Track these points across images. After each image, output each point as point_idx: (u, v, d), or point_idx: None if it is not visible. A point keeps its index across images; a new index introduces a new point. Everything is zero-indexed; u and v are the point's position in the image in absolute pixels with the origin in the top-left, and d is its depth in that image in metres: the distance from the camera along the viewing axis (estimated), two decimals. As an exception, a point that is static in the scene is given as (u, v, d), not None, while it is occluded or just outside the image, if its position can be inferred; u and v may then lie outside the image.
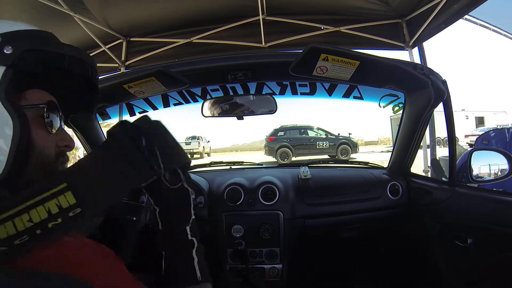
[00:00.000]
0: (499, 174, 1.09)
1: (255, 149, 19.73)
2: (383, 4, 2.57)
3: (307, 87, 1.39)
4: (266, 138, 10.93)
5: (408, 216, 1.28)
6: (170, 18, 2.79)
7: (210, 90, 1.35)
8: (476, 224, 0.98)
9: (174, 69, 0.93)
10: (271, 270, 1.21)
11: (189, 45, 3.00)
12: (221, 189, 1.27)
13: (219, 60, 0.97)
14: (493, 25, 4.08)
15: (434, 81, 0.93)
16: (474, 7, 2.23)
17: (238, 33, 2.90)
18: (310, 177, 1.34)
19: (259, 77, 1.14)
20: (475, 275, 0.99)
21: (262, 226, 1.20)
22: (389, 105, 1.36)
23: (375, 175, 1.35)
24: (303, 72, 0.88)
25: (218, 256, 1.24)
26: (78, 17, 2.51)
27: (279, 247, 1.20)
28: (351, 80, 0.89)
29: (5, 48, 0.41)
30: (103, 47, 2.99)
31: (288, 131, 10.84)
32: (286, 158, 10.07)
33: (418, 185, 1.27)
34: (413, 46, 2.79)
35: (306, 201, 1.27)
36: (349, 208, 1.27)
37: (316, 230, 1.30)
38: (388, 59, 0.86)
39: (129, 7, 2.56)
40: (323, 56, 0.79)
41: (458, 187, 1.08)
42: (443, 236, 1.12)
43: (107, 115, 1.37)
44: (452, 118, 1.04)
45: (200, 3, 2.60)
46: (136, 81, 0.92)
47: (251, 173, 1.44)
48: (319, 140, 10.54)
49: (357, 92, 1.37)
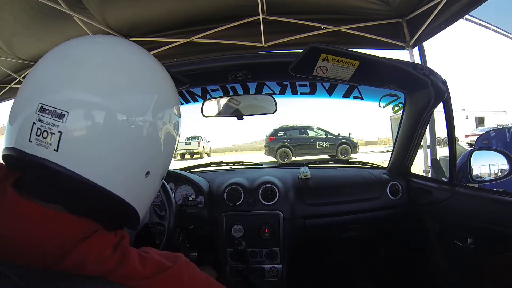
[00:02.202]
0: (499, 174, 1.09)
1: (255, 149, 19.72)
2: (384, 4, 2.56)
3: (307, 87, 1.39)
4: (266, 138, 10.92)
5: (408, 216, 1.28)
6: (170, 18, 2.79)
7: (210, 90, 1.35)
8: (476, 224, 0.98)
9: (174, 69, 0.93)
10: (271, 270, 1.21)
11: (189, 45, 2.99)
12: (221, 189, 1.27)
13: (219, 60, 0.97)
14: (493, 25, 4.09)
15: (434, 81, 0.93)
16: (475, 7, 2.22)
17: (238, 32, 2.90)
18: (310, 177, 1.34)
19: (259, 77, 1.13)
20: (475, 275, 0.99)
21: (262, 226, 1.20)
22: (389, 105, 1.36)
23: (375, 175, 1.35)
24: (303, 72, 0.88)
25: (218, 256, 1.24)
26: (78, 16, 2.51)
27: (279, 247, 1.20)
28: (351, 80, 0.89)
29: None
30: (103, 47, 2.99)
31: (288, 131, 10.83)
32: (286, 158, 10.06)
33: (418, 185, 1.26)
34: (414, 46, 2.79)
35: (306, 201, 1.26)
36: (349, 208, 1.27)
37: (316, 230, 1.30)
38: (388, 59, 0.85)
39: (129, 6, 2.55)
40: (323, 56, 0.78)
41: (458, 187, 1.08)
42: (443, 236, 1.12)
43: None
44: (452, 118, 1.03)
45: (200, 3, 2.59)
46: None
47: (251, 173, 1.44)
48: (319, 140, 10.53)
49: (357, 92, 1.37)
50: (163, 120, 0.43)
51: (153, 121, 0.41)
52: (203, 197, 1.27)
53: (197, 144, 14.24)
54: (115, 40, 0.44)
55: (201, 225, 1.24)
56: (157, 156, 0.43)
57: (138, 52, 0.44)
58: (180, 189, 1.31)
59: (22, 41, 2.79)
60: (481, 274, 0.96)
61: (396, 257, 1.47)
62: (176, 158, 14.65)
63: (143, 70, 0.43)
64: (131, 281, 0.36)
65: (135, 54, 0.43)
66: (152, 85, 0.43)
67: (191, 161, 12.40)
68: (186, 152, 14.43)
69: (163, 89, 0.45)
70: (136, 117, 0.39)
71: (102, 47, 0.41)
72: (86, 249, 0.36)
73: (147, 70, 0.44)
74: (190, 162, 9.30)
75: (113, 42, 0.42)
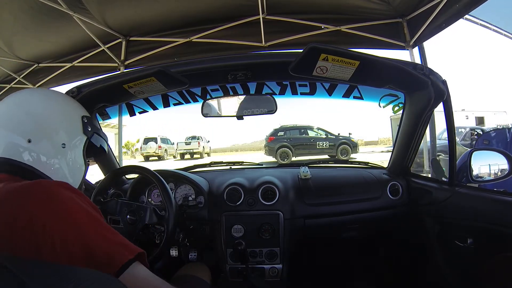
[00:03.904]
0: (499, 174, 1.09)
1: (255, 149, 19.73)
2: (384, 4, 2.56)
3: (307, 87, 1.39)
4: (266, 138, 10.91)
5: (408, 216, 1.28)
6: (169, 18, 2.79)
7: (210, 90, 1.35)
8: (476, 224, 0.98)
9: (174, 69, 0.93)
10: (271, 270, 1.21)
11: (188, 45, 2.99)
12: (221, 189, 1.26)
13: (219, 60, 0.97)
14: (494, 25, 4.09)
15: (434, 81, 0.93)
16: (475, 7, 2.22)
17: (238, 32, 2.89)
18: (310, 177, 1.34)
19: (259, 77, 1.13)
20: (475, 275, 0.99)
21: (262, 226, 1.19)
22: (389, 105, 1.36)
23: (375, 175, 1.35)
24: (303, 72, 0.88)
25: (218, 256, 1.24)
26: (78, 16, 2.51)
27: (279, 247, 1.20)
28: (351, 80, 0.89)
29: (88, 127, 0.73)
30: (102, 46, 2.99)
31: (288, 131, 10.82)
32: (286, 158, 10.06)
33: (418, 185, 1.26)
34: (414, 46, 2.79)
35: (306, 201, 1.26)
36: (349, 208, 1.27)
37: (316, 230, 1.30)
38: (388, 59, 0.85)
39: (129, 6, 2.55)
40: (323, 56, 0.78)
41: (458, 187, 1.08)
42: (443, 236, 1.12)
43: (107, 115, 1.37)
44: (452, 118, 1.03)
45: (200, 3, 2.59)
46: (136, 81, 0.92)
47: (251, 173, 1.44)
48: (319, 140, 10.52)
49: (357, 92, 1.37)
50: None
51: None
52: (203, 197, 1.27)
53: (197, 144, 14.25)
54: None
55: (201, 225, 1.24)
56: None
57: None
58: (180, 189, 1.31)
59: (22, 41, 2.78)
60: (481, 274, 0.96)
61: (396, 257, 1.47)
62: (176, 158, 14.67)
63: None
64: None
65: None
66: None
67: (191, 161, 12.40)
68: (186, 152, 14.44)
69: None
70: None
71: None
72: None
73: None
74: (190, 162, 9.30)
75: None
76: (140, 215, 0.98)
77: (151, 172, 1.06)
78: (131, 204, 1.01)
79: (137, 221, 0.98)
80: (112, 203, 1.01)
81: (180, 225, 1.10)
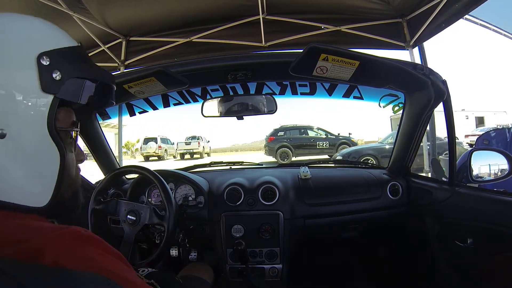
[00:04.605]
0: (499, 174, 1.09)
1: (255, 149, 19.72)
2: (384, 4, 2.56)
3: (307, 87, 1.39)
4: (266, 138, 10.91)
5: (408, 216, 1.28)
6: (169, 18, 2.79)
7: (210, 90, 1.35)
8: (476, 224, 0.98)
9: (174, 69, 0.93)
10: (271, 270, 1.21)
11: (189, 45, 2.99)
12: (221, 189, 1.26)
13: (219, 60, 0.97)
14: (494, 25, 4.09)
15: (434, 81, 0.93)
16: (475, 7, 2.22)
17: (238, 32, 2.89)
18: (310, 177, 1.34)
19: (259, 77, 1.13)
20: (475, 275, 0.99)
21: (262, 226, 1.19)
22: (389, 105, 1.36)
23: (375, 175, 1.35)
24: (303, 72, 0.88)
25: (218, 256, 1.24)
26: (77, 16, 2.51)
27: (279, 247, 1.20)
28: (351, 80, 0.89)
29: (53, 72, 0.37)
30: (102, 46, 2.99)
31: (288, 131, 10.82)
32: (286, 158, 10.06)
33: (418, 185, 1.26)
34: (414, 46, 2.79)
35: (306, 201, 1.26)
36: (349, 208, 1.27)
37: (316, 230, 1.30)
38: (388, 59, 0.85)
39: (128, 6, 2.55)
40: (323, 56, 0.78)
41: (458, 187, 1.08)
42: (443, 236, 1.12)
43: (107, 115, 1.37)
44: (452, 118, 1.03)
45: (200, 3, 2.59)
46: (136, 81, 0.92)
47: (251, 173, 1.44)
48: (319, 140, 10.52)
49: (357, 92, 1.37)
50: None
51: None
52: (203, 197, 1.27)
53: (197, 144, 14.26)
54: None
55: (201, 225, 1.24)
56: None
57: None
58: (180, 189, 1.31)
59: (21, 41, 2.78)
60: (481, 274, 0.96)
61: (396, 257, 1.47)
62: (176, 158, 14.68)
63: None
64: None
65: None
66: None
67: (191, 161, 12.40)
68: (186, 152, 14.45)
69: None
70: None
71: None
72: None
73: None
74: (190, 162, 9.30)
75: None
76: (140, 215, 0.98)
77: (151, 172, 1.06)
78: (131, 204, 1.01)
79: (137, 221, 0.98)
80: (112, 203, 1.01)
81: (180, 225, 1.10)
